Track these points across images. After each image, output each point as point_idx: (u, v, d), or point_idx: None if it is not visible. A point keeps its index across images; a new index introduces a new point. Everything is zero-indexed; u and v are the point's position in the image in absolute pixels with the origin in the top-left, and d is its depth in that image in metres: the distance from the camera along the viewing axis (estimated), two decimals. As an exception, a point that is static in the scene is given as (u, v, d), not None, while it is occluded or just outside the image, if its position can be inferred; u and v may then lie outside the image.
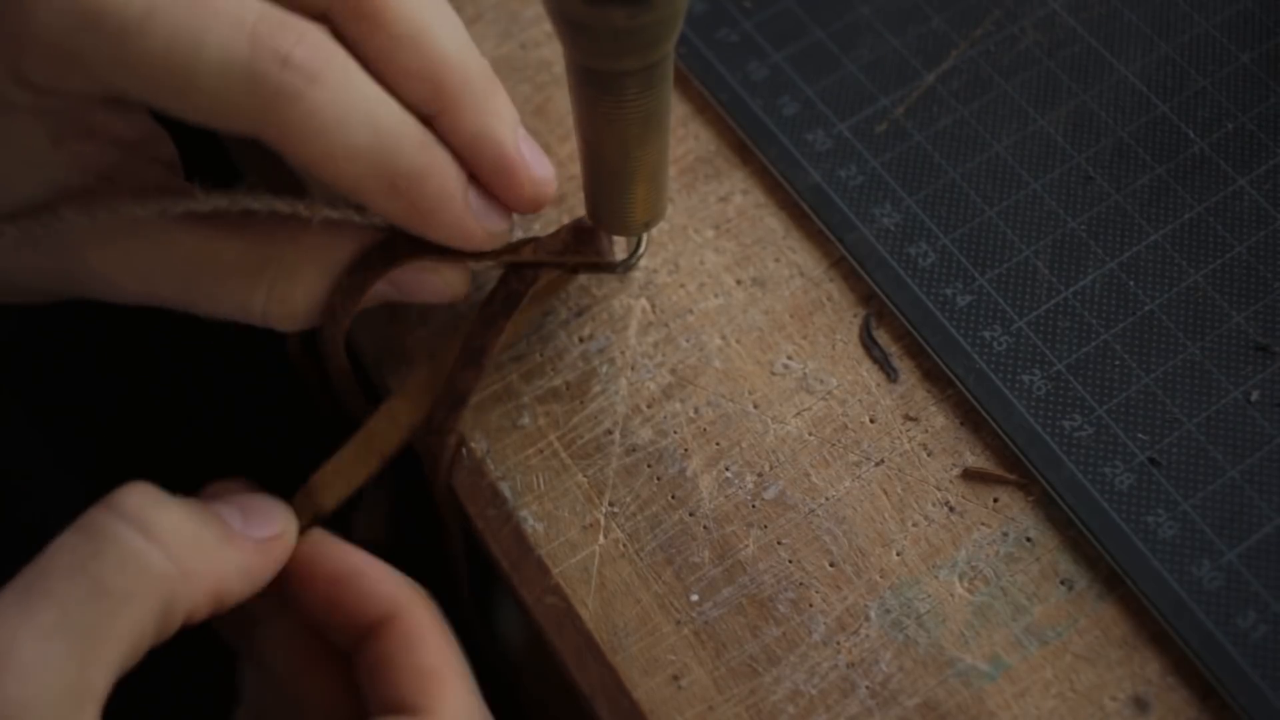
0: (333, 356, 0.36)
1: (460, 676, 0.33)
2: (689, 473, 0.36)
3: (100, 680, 0.28)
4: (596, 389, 0.37)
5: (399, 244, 0.34)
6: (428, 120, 0.32)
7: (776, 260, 0.38)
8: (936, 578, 0.34)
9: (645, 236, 0.38)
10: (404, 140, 0.31)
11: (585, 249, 0.36)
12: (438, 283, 0.35)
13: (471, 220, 0.33)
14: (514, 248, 0.35)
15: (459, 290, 0.36)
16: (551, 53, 0.42)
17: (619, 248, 0.38)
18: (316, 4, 0.31)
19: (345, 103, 0.29)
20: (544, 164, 0.34)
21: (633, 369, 0.37)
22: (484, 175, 0.33)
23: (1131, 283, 0.37)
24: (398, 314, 0.38)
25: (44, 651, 0.27)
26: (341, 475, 0.35)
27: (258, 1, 0.29)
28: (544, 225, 0.39)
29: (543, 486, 0.36)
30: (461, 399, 0.35)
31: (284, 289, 0.34)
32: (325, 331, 0.35)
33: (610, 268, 0.37)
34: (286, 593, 0.34)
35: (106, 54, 0.28)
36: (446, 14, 0.31)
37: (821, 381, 0.37)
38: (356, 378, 0.37)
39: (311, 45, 0.29)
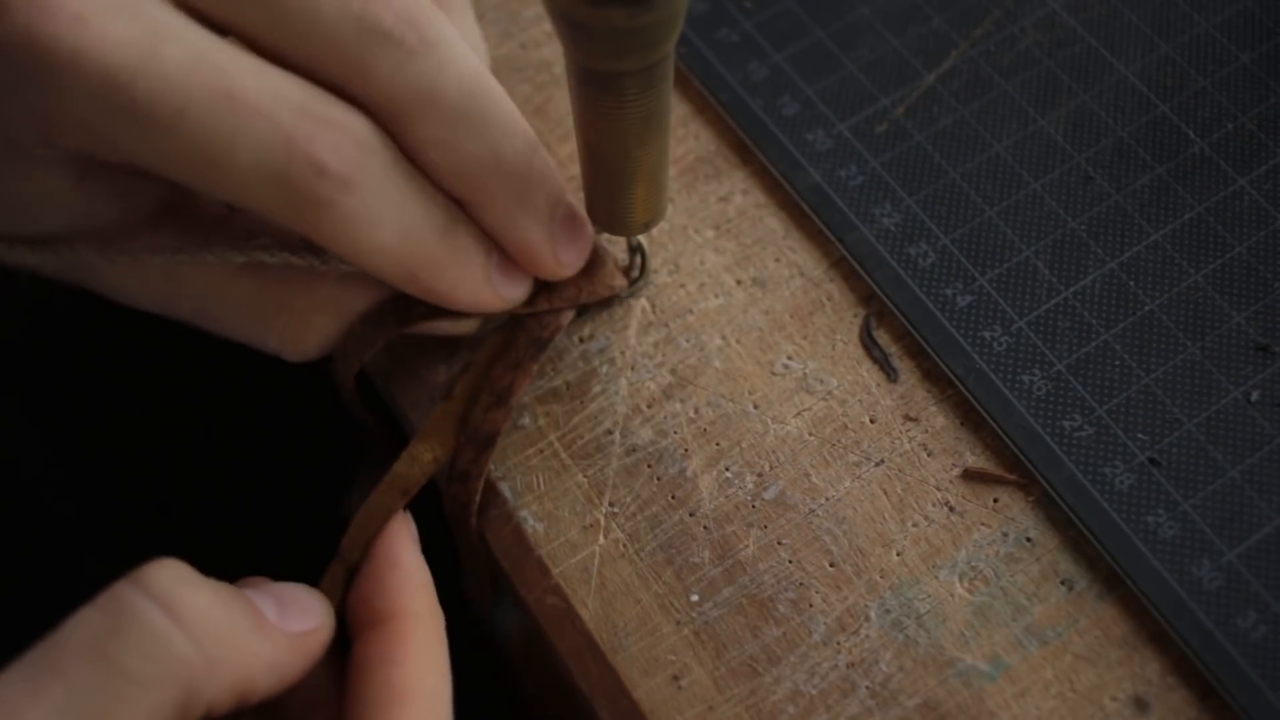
0: (343, 386, 0.36)
1: (428, 703, 0.31)
2: (689, 473, 0.36)
3: None
4: (596, 389, 0.37)
5: (415, 303, 0.34)
6: (464, 204, 0.32)
7: (776, 260, 0.38)
8: (936, 578, 0.34)
9: (646, 255, 0.38)
10: (428, 236, 0.31)
11: (597, 283, 0.36)
12: (446, 325, 0.36)
13: (489, 292, 0.33)
14: (531, 300, 0.36)
15: (468, 330, 0.36)
16: (551, 53, 0.42)
17: (619, 247, 0.38)
18: (350, 93, 0.30)
19: (376, 206, 0.29)
20: (577, 247, 0.34)
21: (633, 369, 0.37)
22: (510, 253, 0.33)
23: (1132, 283, 0.37)
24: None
25: None
26: (367, 527, 0.35)
27: (298, 92, 0.29)
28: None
29: (543, 487, 0.36)
30: (489, 440, 0.35)
31: (296, 332, 0.34)
32: (336, 368, 0.35)
33: (620, 297, 0.37)
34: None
35: (138, 143, 0.28)
36: (485, 110, 0.31)
37: (821, 382, 0.37)
38: (365, 399, 0.38)
39: (349, 148, 0.29)
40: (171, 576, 0.28)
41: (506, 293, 0.34)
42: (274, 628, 0.29)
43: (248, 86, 0.28)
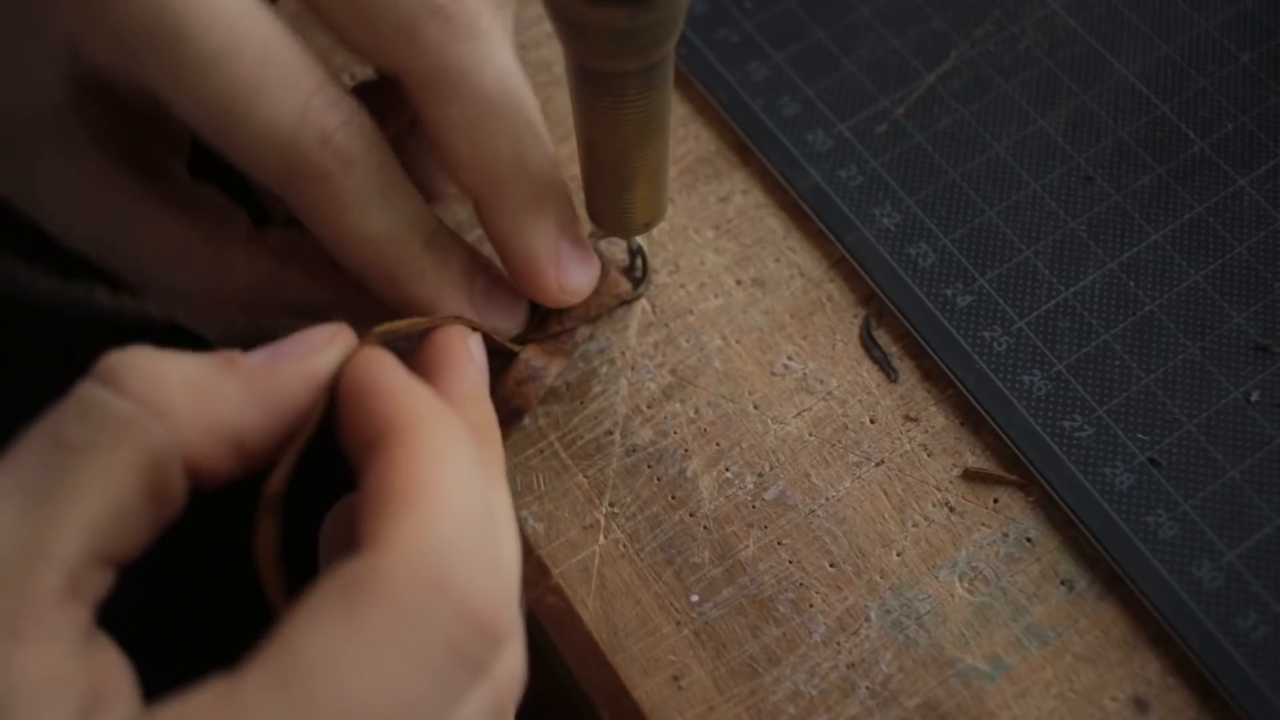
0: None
1: (444, 503, 0.25)
2: (689, 473, 0.36)
3: (61, 543, 0.24)
4: (597, 389, 0.37)
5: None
6: (476, 204, 0.32)
7: (777, 260, 0.38)
8: (937, 578, 0.34)
9: (647, 258, 0.38)
10: (413, 239, 0.31)
11: (604, 294, 0.36)
12: None
13: (471, 315, 0.33)
14: (540, 323, 0.36)
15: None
16: (551, 53, 0.42)
17: (619, 248, 0.38)
18: (390, 65, 0.31)
19: (368, 192, 0.30)
20: (583, 272, 0.34)
21: (633, 369, 0.37)
22: (511, 267, 0.33)
23: (1132, 283, 0.37)
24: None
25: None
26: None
27: (323, 73, 0.30)
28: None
29: (543, 487, 0.36)
30: (518, 414, 0.35)
31: (229, 295, 0.34)
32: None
33: (625, 302, 0.37)
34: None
35: (166, 74, 0.29)
36: (516, 110, 0.31)
37: (822, 382, 0.37)
38: None
39: (355, 130, 0.29)
40: (119, 354, 0.26)
41: (491, 319, 0.34)
42: (244, 365, 0.27)
43: (283, 51, 0.29)
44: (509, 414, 0.35)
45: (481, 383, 0.31)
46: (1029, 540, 0.34)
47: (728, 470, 0.36)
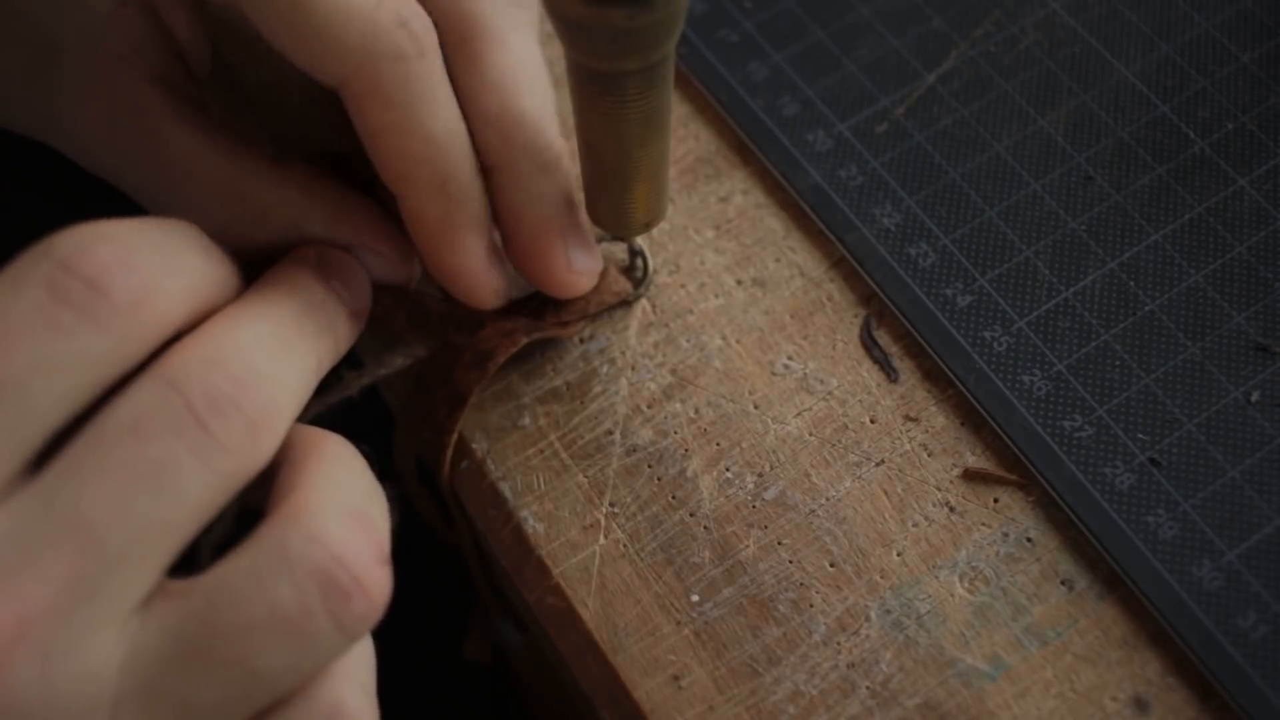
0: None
1: (333, 451, 0.28)
2: (689, 473, 0.36)
3: None
4: (597, 389, 0.37)
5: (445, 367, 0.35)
6: (488, 172, 0.32)
7: (777, 260, 0.38)
8: (937, 578, 0.34)
9: (648, 258, 0.38)
10: (468, 153, 0.32)
11: (603, 292, 0.36)
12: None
13: (483, 264, 0.33)
14: (537, 311, 0.36)
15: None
16: (551, 53, 0.42)
17: (619, 248, 0.38)
18: (426, 9, 0.31)
19: (437, 84, 0.30)
20: (587, 258, 0.34)
21: (633, 369, 0.37)
22: (520, 244, 0.33)
23: (1132, 283, 0.37)
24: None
25: None
26: None
27: None
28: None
29: (543, 487, 0.36)
30: (462, 400, 0.35)
31: (248, 226, 0.33)
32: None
33: (625, 302, 0.37)
34: None
35: None
36: (539, 76, 0.32)
37: (822, 382, 0.37)
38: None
39: (425, 25, 0.30)
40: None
41: (495, 281, 0.34)
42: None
43: None
44: (478, 358, 0.35)
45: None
46: (1029, 540, 0.34)
47: (728, 470, 0.36)
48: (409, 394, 0.36)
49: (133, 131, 0.33)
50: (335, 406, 0.36)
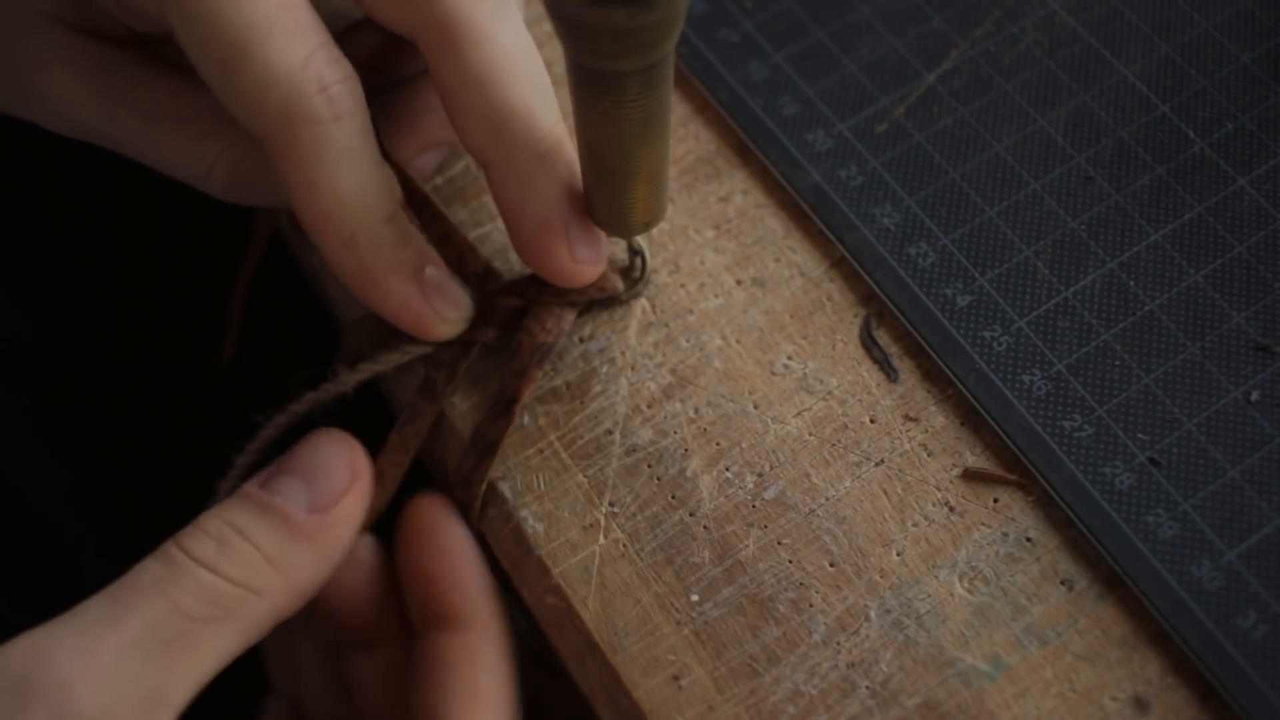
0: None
1: (505, 710, 0.34)
2: (689, 473, 0.36)
3: (176, 693, 0.30)
4: (597, 389, 0.37)
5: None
6: (484, 167, 0.33)
7: (777, 260, 0.38)
8: (936, 578, 0.34)
9: (646, 259, 0.38)
10: (377, 210, 0.32)
11: (590, 285, 0.36)
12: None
13: (414, 302, 0.34)
14: (520, 289, 0.36)
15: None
16: (551, 53, 0.42)
17: (619, 248, 0.38)
18: (404, 20, 0.32)
19: (350, 147, 0.31)
20: (592, 247, 0.34)
21: (633, 369, 0.37)
22: (522, 237, 0.34)
23: (1131, 283, 0.37)
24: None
25: (125, 661, 0.29)
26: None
27: (327, 35, 0.31)
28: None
29: (543, 486, 0.36)
30: (492, 447, 0.36)
31: (227, 165, 0.35)
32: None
33: (617, 298, 0.37)
34: (396, 555, 0.36)
35: (187, 2, 0.30)
36: (528, 67, 0.32)
37: (821, 381, 0.37)
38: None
39: (350, 89, 0.31)
40: (214, 546, 0.31)
41: (442, 308, 0.34)
42: (306, 527, 0.32)
43: (301, 2, 0.31)
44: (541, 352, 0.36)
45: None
46: (1029, 540, 0.34)
47: (728, 470, 0.36)
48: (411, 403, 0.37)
49: (107, 91, 0.35)
50: (328, 403, 0.36)
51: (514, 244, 0.34)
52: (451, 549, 0.35)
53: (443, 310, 0.34)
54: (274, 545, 0.32)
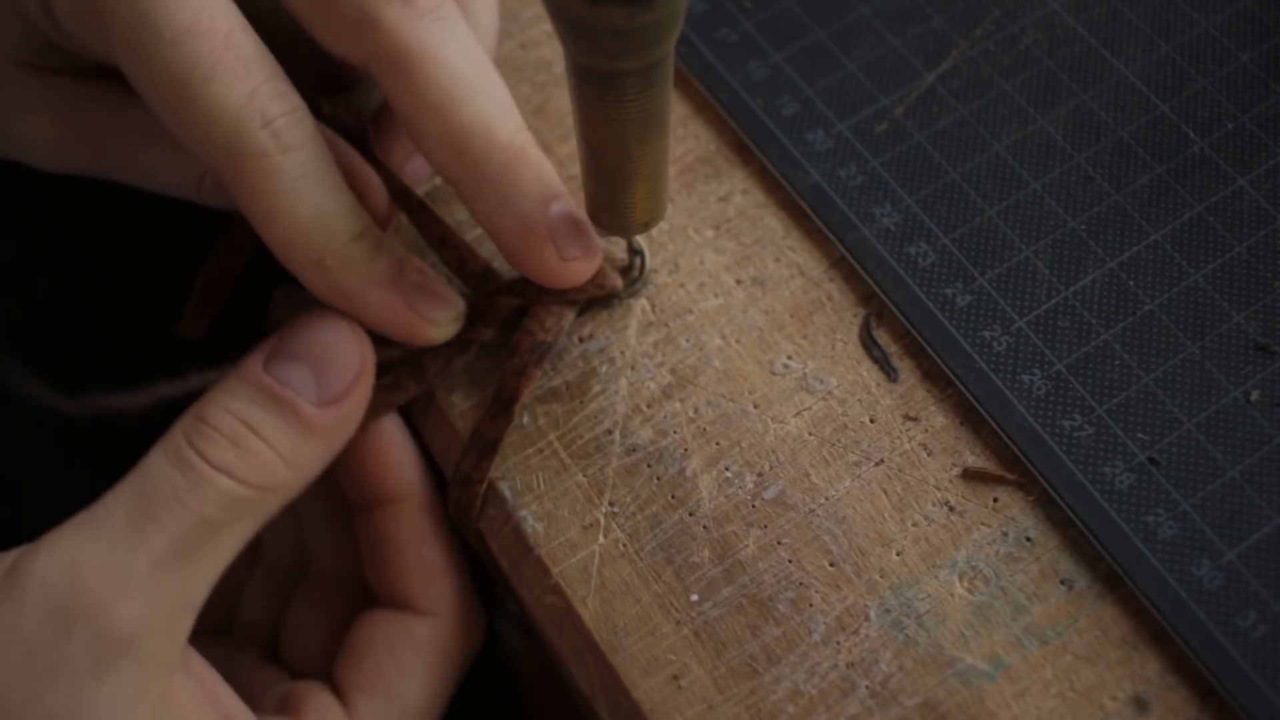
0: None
1: (458, 575, 0.37)
2: (689, 472, 0.36)
3: (200, 592, 0.32)
4: (596, 389, 0.37)
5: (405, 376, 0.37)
6: (454, 185, 0.33)
7: (776, 260, 0.38)
8: (936, 577, 0.34)
9: (645, 258, 0.38)
10: (341, 230, 0.33)
11: (588, 283, 0.36)
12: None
13: (401, 308, 0.34)
14: (519, 288, 0.36)
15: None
16: (551, 53, 0.42)
17: (618, 247, 0.38)
18: (354, 52, 0.32)
19: (301, 176, 0.31)
20: (580, 244, 0.34)
21: (633, 369, 0.37)
22: (506, 247, 0.34)
23: (1131, 282, 0.37)
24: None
25: (155, 575, 0.31)
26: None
27: (275, 67, 0.32)
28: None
29: (542, 486, 0.36)
30: (492, 447, 0.36)
31: (219, 185, 0.36)
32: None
33: (616, 296, 0.37)
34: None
35: (132, 43, 0.31)
36: (481, 83, 0.32)
37: (821, 381, 0.37)
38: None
39: (296, 120, 0.32)
40: (231, 449, 0.32)
41: (429, 311, 0.34)
42: (317, 421, 0.33)
43: (243, 39, 0.31)
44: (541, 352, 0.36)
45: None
46: (1028, 540, 0.34)
47: (727, 470, 0.36)
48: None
49: (87, 123, 0.36)
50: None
51: (502, 254, 0.34)
52: (376, 429, 0.36)
53: (429, 313, 0.34)
54: (287, 444, 0.33)
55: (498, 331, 0.36)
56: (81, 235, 0.53)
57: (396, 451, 0.37)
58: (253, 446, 0.32)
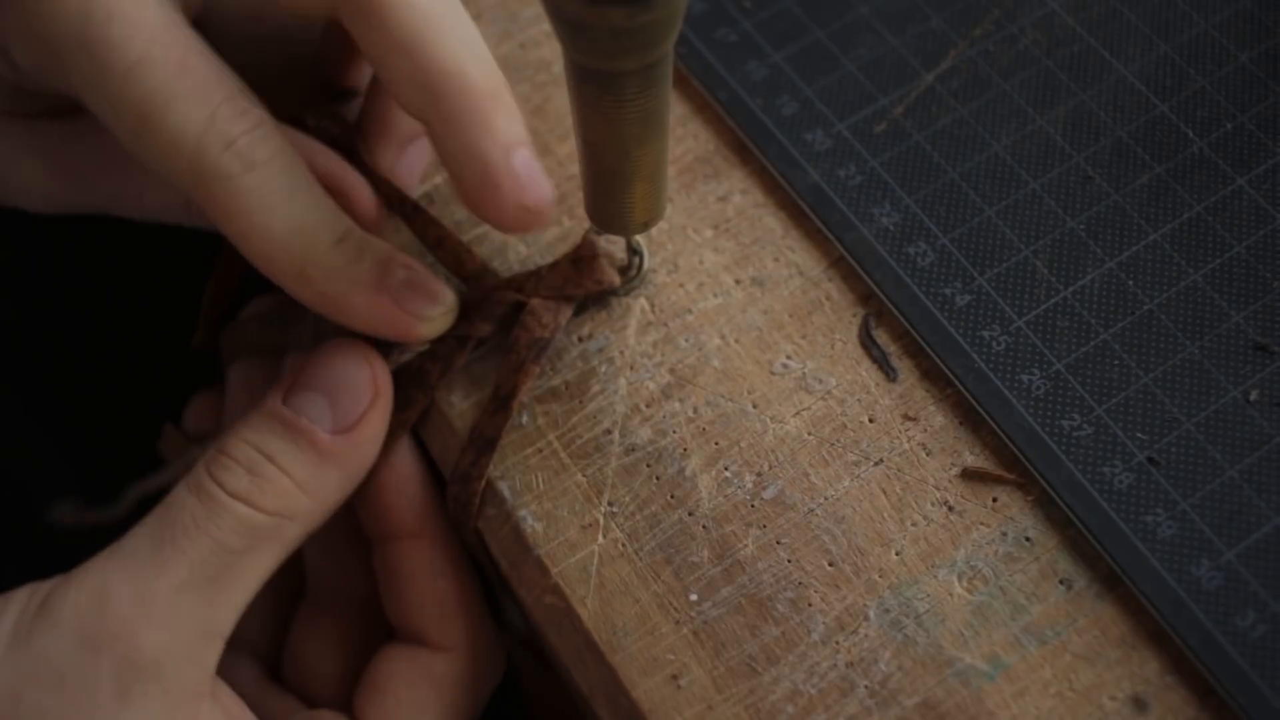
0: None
1: (476, 610, 0.37)
2: (688, 472, 0.36)
3: (225, 621, 0.32)
4: (595, 388, 0.37)
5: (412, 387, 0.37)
6: (425, 124, 0.32)
7: (775, 260, 0.38)
8: (935, 577, 0.34)
9: (644, 256, 0.38)
10: (320, 237, 0.33)
11: (586, 279, 0.36)
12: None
13: (390, 308, 0.34)
14: (517, 284, 0.36)
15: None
16: (551, 53, 0.42)
17: (618, 246, 0.38)
18: (321, 2, 0.32)
19: (271, 191, 0.32)
20: (539, 190, 0.33)
21: (632, 368, 0.37)
22: (466, 190, 0.33)
23: (1131, 282, 0.37)
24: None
25: (178, 603, 0.31)
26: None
27: (235, 84, 0.32)
28: (552, 238, 0.39)
29: (542, 486, 0.36)
30: (491, 444, 0.36)
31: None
32: None
33: (613, 293, 0.37)
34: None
35: (90, 78, 0.31)
36: (453, 24, 0.32)
37: (820, 381, 0.37)
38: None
39: (259, 137, 0.31)
40: (247, 478, 0.33)
41: (419, 308, 0.34)
42: (335, 450, 0.34)
43: (198, 63, 0.31)
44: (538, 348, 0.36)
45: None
46: (1028, 539, 0.34)
47: (726, 469, 0.36)
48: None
49: (78, 164, 0.36)
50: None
51: (462, 197, 0.33)
52: (394, 463, 0.37)
53: (420, 310, 0.34)
54: (303, 471, 0.33)
55: (495, 328, 0.36)
56: (98, 260, 0.54)
57: (412, 486, 0.37)
58: (268, 474, 0.33)
